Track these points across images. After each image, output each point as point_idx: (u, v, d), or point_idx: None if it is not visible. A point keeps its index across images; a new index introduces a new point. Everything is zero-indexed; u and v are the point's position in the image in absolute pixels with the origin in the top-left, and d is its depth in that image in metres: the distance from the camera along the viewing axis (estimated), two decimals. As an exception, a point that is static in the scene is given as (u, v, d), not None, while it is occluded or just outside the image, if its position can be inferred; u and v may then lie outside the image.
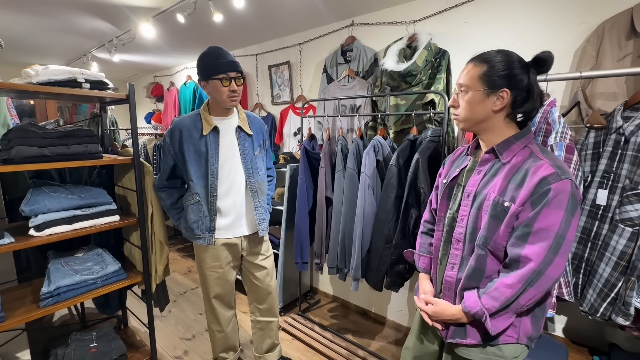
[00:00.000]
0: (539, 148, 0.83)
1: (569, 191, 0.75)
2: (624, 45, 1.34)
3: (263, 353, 1.75)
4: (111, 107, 3.09)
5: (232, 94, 1.39)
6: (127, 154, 1.67)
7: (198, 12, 1.99)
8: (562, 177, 0.75)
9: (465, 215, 0.88)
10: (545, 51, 0.81)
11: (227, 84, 1.37)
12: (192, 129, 1.43)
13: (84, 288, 1.46)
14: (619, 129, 1.19)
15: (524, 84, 0.82)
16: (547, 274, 0.76)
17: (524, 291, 0.77)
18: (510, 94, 0.82)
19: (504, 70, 0.82)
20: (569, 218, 0.75)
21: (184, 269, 3.25)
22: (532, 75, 0.82)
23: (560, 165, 0.78)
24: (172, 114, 3.78)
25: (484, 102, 0.84)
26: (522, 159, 0.82)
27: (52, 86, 1.30)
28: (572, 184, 0.76)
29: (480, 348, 0.87)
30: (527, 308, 0.81)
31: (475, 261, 0.85)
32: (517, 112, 0.84)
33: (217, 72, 1.35)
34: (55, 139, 1.34)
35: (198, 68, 1.41)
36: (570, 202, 0.75)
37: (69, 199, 1.44)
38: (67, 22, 2.37)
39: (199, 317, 2.40)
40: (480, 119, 0.86)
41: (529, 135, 0.86)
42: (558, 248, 0.75)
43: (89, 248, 1.72)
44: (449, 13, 1.84)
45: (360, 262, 1.69)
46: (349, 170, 1.76)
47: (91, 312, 2.23)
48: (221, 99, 1.40)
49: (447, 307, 0.90)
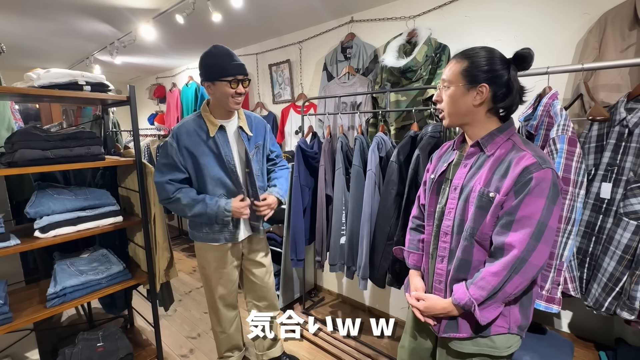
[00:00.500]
0: (521, 140, 0.86)
1: (550, 179, 0.77)
2: (627, 35, 1.32)
3: (265, 350, 1.76)
4: (113, 109, 3.12)
5: (238, 97, 1.36)
6: (129, 155, 1.69)
7: (197, 12, 1.99)
8: (543, 166, 0.77)
9: (453, 208, 0.90)
10: (525, 48, 0.83)
11: (235, 87, 1.33)
12: (199, 132, 1.39)
13: (89, 288, 1.48)
14: (623, 121, 1.17)
15: (504, 79, 0.84)
16: (531, 261, 0.78)
17: (509, 279, 0.79)
18: (489, 88, 0.84)
19: (484, 66, 0.84)
20: (551, 206, 0.77)
21: (189, 268, 3.28)
22: (512, 72, 0.85)
23: (541, 155, 0.80)
24: (175, 115, 3.80)
25: (465, 96, 0.86)
26: (505, 150, 0.85)
27: (54, 89, 1.32)
28: (553, 172, 0.78)
29: (473, 340, 0.88)
30: (514, 296, 0.82)
31: (462, 252, 0.87)
32: (497, 106, 0.86)
33: (226, 75, 1.31)
34: (58, 142, 1.36)
35: (203, 68, 1.35)
36: (552, 191, 0.77)
37: (73, 200, 1.46)
38: (69, 26, 2.39)
39: (204, 316, 2.42)
40: (462, 113, 0.89)
41: (512, 129, 0.88)
42: (540, 235, 0.77)
43: (94, 249, 1.74)
44: (448, 7, 1.82)
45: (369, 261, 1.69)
46: (355, 168, 1.75)
47: (98, 312, 2.26)
48: (226, 101, 1.36)
49: (438, 301, 0.91)
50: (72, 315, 2.39)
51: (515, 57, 0.85)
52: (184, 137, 1.38)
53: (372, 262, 1.68)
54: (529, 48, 0.83)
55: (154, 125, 4.08)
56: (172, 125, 3.80)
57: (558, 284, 1.18)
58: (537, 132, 1.27)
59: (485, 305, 0.82)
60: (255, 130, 1.53)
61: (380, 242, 1.62)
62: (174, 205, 1.41)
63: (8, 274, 1.55)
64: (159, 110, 4.31)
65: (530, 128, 1.29)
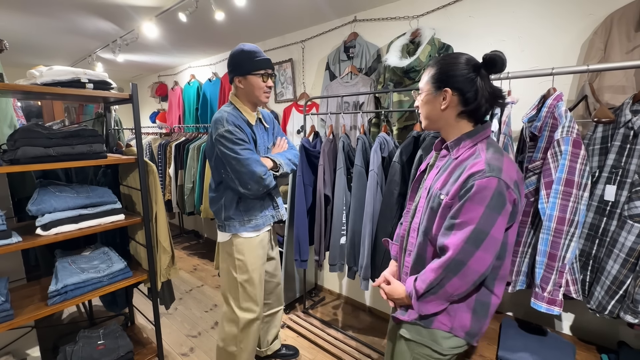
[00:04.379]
0: (487, 146, 0.85)
1: (493, 188, 0.77)
2: (633, 37, 1.31)
3: (269, 345, 1.76)
4: (115, 107, 3.12)
5: (267, 89, 1.43)
6: (131, 153, 1.68)
7: (200, 10, 1.99)
8: (487, 174, 0.77)
9: (422, 207, 0.95)
10: (495, 51, 0.81)
11: (266, 80, 1.41)
12: (242, 121, 1.43)
13: (90, 286, 1.48)
14: (628, 123, 1.16)
15: (469, 84, 0.84)
16: (469, 266, 0.79)
17: (445, 277, 0.82)
18: (451, 92, 0.86)
19: (448, 71, 0.86)
20: (491, 214, 0.77)
21: (190, 267, 3.28)
22: (481, 76, 0.84)
23: (492, 163, 0.79)
24: (177, 113, 3.80)
25: (433, 102, 0.90)
26: (467, 155, 0.86)
27: (56, 87, 1.32)
28: (500, 182, 0.77)
29: (415, 328, 0.94)
30: (457, 297, 0.85)
31: (417, 248, 0.93)
32: (464, 110, 0.87)
33: (259, 68, 1.39)
34: (61, 139, 1.36)
35: (235, 64, 1.41)
36: (494, 200, 0.77)
37: (74, 198, 1.46)
38: (71, 23, 2.39)
39: (204, 314, 2.42)
40: (433, 118, 0.92)
41: (483, 133, 0.88)
42: (479, 242, 0.78)
43: (95, 247, 1.74)
44: (452, 7, 1.81)
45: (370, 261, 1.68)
46: (357, 168, 1.75)
47: (99, 310, 2.26)
48: (257, 94, 1.43)
49: (398, 288, 0.98)
50: (73, 312, 2.40)
51: (483, 61, 0.84)
52: (238, 122, 1.40)
53: (374, 262, 1.67)
54: (500, 51, 0.81)
55: (156, 124, 4.08)
56: (173, 123, 3.80)
57: (560, 286, 1.17)
58: (540, 133, 1.26)
59: (426, 298, 0.86)
60: (269, 123, 1.61)
61: (381, 242, 1.61)
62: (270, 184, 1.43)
63: (9, 271, 1.55)
64: (161, 108, 4.31)
65: (534, 129, 1.28)
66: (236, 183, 1.39)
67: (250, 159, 1.36)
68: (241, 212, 1.49)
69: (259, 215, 1.52)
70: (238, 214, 1.49)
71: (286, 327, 2.22)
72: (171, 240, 1.73)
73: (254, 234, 1.52)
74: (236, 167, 1.36)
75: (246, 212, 1.49)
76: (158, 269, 1.67)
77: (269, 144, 1.58)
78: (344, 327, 2.21)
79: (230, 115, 1.39)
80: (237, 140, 1.36)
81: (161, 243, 1.66)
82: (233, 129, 1.36)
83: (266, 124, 1.58)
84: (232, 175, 1.39)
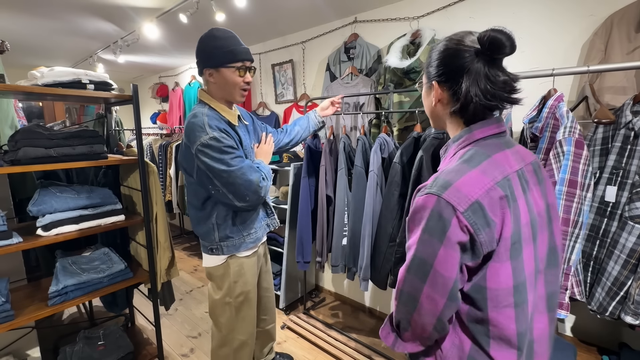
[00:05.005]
0: (467, 154, 0.65)
1: (429, 208, 0.59)
2: (633, 37, 1.31)
3: (266, 356, 1.72)
4: (116, 108, 3.13)
5: (245, 86, 1.21)
6: (131, 154, 1.69)
7: (201, 11, 1.99)
8: (426, 190, 0.61)
9: None
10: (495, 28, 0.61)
11: (242, 74, 1.18)
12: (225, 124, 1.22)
13: (91, 287, 1.48)
14: (629, 124, 1.16)
15: (456, 74, 0.66)
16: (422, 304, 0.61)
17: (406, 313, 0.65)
18: (438, 86, 0.70)
19: (435, 60, 0.70)
20: (430, 241, 0.59)
21: (190, 267, 3.28)
22: (479, 64, 0.63)
23: (442, 176, 0.61)
24: (177, 114, 3.81)
25: (427, 96, 0.75)
26: (444, 164, 0.71)
27: (58, 87, 1.32)
28: (439, 202, 0.58)
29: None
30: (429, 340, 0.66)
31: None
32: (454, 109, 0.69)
33: (234, 60, 1.15)
34: (61, 140, 1.36)
35: (203, 53, 1.18)
36: (431, 223, 0.59)
37: (75, 199, 1.46)
38: (72, 24, 2.39)
39: (205, 315, 2.42)
40: (430, 115, 0.78)
41: (467, 137, 0.68)
42: (423, 274, 0.60)
43: (95, 247, 1.74)
44: (453, 8, 1.81)
45: (370, 262, 1.68)
46: (357, 169, 1.75)
47: (99, 310, 2.26)
48: (231, 92, 1.20)
49: None
50: (73, 313, 2.40)
51: (481, 44, 0.62)
52: (222, 125, 1.18)
53: (374, 263, 1.67)
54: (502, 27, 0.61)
55: (157, 124, 4.08)
56: (174, 124, 3.80)
57: (566, 289, 1.16)
58: (542, 134, 1.26)
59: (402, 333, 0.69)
60: (247, 119, 1.42)
61: (382, 243, 1.61)
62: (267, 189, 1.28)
63: (10, 272, 1.55)
64: (162, 109, 4.32)
65: (535, 130, 1.28)
66: (230, 197, 1.18)
67: (243, 167, 1.16)
68: (239, 227, 1.29)
69: (257, 227, 1.35)
70: (236, 230, 1.28)
71: (286, 328, 2.22)
72: (171, 240, 1.73)
73: (252, 251, 1.36)
74: (229, 180, 1.15)
75: (244, 227, 1.30)
76: (158, 270, 1.68)
77: (251, 143, 1.39)
78: (344, 328, 2.21)
79: (211, 118, 1.16)
80: (226, 149, 1.13)
81: (161, 244, 1.66)
82: (220, 136, 1.13)
83: (245, 121, 1.37)
84: (224, 190, 1.17)
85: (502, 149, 0.66)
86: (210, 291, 1.40)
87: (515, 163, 0.65)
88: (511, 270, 0.60)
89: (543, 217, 0.67)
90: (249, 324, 1.41)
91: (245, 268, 1.35)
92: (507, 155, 0.65)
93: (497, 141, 0.67)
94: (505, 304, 0.60)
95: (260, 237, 1.38)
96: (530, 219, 0.63)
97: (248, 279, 1.36)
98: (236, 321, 1.36)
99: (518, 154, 0.68)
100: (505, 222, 0.59)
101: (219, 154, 1.13)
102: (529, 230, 0.63)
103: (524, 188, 0.64)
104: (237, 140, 1.24)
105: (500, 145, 0.66)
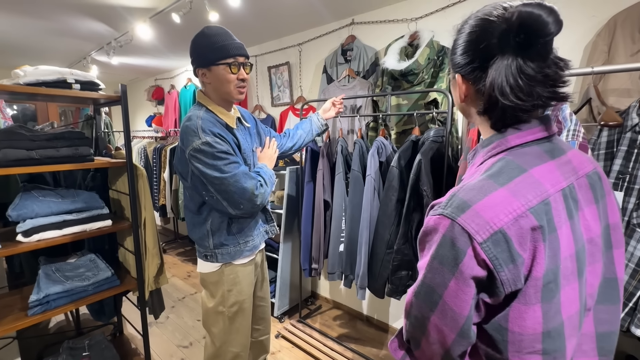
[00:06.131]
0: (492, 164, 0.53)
1: (441, 233, 0.49)
2: (637, 39, 1.27)
3: None
4: (106, 109, 3.07)
5: (240, 83, 1.15)
6: (120, 156, 1.63)
7: (195, 12, 1.95)
8: (440, 210, 0.50)
9: None
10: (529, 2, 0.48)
11: (235, 71, 1.12)
12: (220, 126, 1.16)
13: (75, 295, 1.42)
14: (635, 127, 1.12)
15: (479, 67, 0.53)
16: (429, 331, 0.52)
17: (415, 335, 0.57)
18: (462, 80, 0.57)
19: (459, 46, 0.56)
20: (440, 269, 0.49)
21: (184, 273, 3.20)
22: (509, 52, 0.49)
23: (460, 194, 0.50)
24: (173, 117, 3.76)
25: (454, 90, 0.62)
26: (469, 175, 0.59)
27: (40, 87, 1.27)
28: (453, 226, 0.48)
29: None
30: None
31: None
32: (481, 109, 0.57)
33: (225, 56, 1.10)
34: (45, 142, 1.31)
35: (195, 52, 1.15)
36: (442, 250, 0.49)
37: (59, 203, 1.40)
38: (64, 24, 2.35)
39: (197, 323, 2.34)
40: (461, 111, 0.64)
41: (499, 143, 0.54)
42: (431, 304, 0.51)
43: (82, 253, 1.68)
44: (451, 9, 1.78)
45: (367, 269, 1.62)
46: (354, 173, 1.69)
47: (87, 319, 2.19)
48: (227, 90, 1.14)
49: None
50: (60, 321, 2.32)
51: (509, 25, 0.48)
52: (217, 129, 1.12)
53: (371, 270, 1.61)
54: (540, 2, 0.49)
55: (152, 127, 4.03)
56: (169, 127, 3.75)
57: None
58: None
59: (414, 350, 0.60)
60: (249, 121, 1.36)
61: (379, 250, 1.55)
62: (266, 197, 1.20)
63: (-10, 279, 1.49)
64: (158, 112, 4.27)
65: (537, 133, 1.23)
66: (224, 205, 1.13)
67: (237, 174, 1.10)
68: (235, 235, 1.23)
69: (255, 234, 1.29)
70: (232, 238, 1.23)
71: (281, 337, 2.15)
72: (160, 247, 1.67)
73: (248, 259, 1.30)
74: (221, 187, 1.10)
75: (241, 234, 1.24)
76: (146, 277, 1.61)
77: (253, 146, 1.32)
78: (340, 337, 2.14)
79: (205, 121, 1.11)
80: (219, 154, 1.08)
81: (149, 250, 1.60)
82: (213, 140, 1.08)
83: (247, 123, 1.31)
84: (217, 197, 1.13)
85: (544, 160, 0.52)
86: (203, 299, 1.33)
87: (562, 179, 0.51)
88: (541, 315, 0.47)
89: (597, 245, 0.54)
90: (243, 335, 1.34)
91: (240, 276, 1.28)
92: (551, 168, 0.51)
93: (539, 149, 0.52)
94: (530, 351, 0.48)
95: (257, 244, 1.31)
96: (575, 250, 0.50)
97: (243, 287, 1.29)
98: (230, 332, 1.29)
99: (569, 164, 0.53)
100: (537, 259, 0.46)
101: (212, 160, 1.08)
102: (572, 265, 0.49)
103: (571, 211, 0.50)
104: (235, 144, 1.18)
105: (543, 155, 0.52)
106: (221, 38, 1.11)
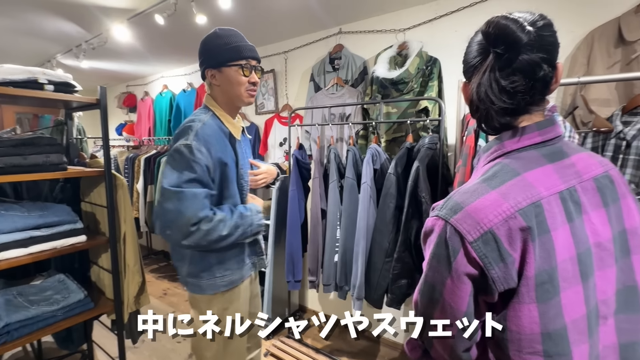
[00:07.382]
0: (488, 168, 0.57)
1: (437, 233, 0.53)
2: (612, 53, 1.37)
3: None
4: (78, 114, 2.85)
5: (251, 87, 1.09)
6: (97, 165, 1.49)
7: (178, 15, 1.86)
8: (437, 212, 0.54)
9: None
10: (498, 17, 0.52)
11: (247, 74, 1.07)
12: (222, 135, 1.09)
13: (41, 322, 1.24)
14: (619, 134, 1.19)
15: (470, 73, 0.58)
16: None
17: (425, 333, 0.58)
18: (464, 84, 0.62)
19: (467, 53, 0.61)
20: (438, 268, 0.53)
21: (159, 291, 2.98)
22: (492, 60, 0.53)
23: (455, 197, 0.54)
24: (147, 125, 3.57)
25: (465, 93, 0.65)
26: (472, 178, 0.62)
27: (8, 87, 1.13)
28: (446, 227, 0.51)
29: None
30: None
31: None
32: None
33: (237, 57, 1.05)
34: (10, 148, 1.16)
35: (206, 52, 1.08)
36: (438, 249, 0.52)
37: (24, 217, 1.24)
38: (28, 23, 2.16)
39: (177, 346, 2.16)
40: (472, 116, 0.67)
41: (497, 148, 0.58)
42: (434, 301, 0.54)
43: (48, 274, 1.49)
44: (438, 22, 1.84)
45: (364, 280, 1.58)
46: (348, 180, 1.66)
47: (50, 347, 1.94)
48: (237, 92, 1.08)
49: None
50: (17, 352, 2.05)
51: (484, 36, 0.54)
52: (213, 140, 1.02)
53: (369, 281, 1.57)
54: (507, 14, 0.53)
55: (122, 136, 3.80)
56: (143, 135, 3.55)
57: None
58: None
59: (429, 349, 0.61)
60: (250, 132, 1.35)
61: (377, 259, 1.52)
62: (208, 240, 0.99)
63: None
64: (129, 120, 4.04)
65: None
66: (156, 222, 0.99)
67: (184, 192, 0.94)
68: (212, 266, 1.09)
69: (235, 268, 1.14)
70: (207, 269, 1.09)
71: (270, 355, 2.03)
72: (142, 263, 1.53)
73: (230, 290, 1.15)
74: (161, 197, 0.96)
75: (219, 267, 1.10)
76: (125, 298, 1.46)
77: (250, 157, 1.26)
78: (332, 352, 2.07)
79: (206, 127, 1.03)
80: (194, 165, 0.96)
81: (130, 267, 1.46)
82: (197, 147, 0.97)
83: (248, 135, 1.27)
84: (156, 208, 1.00)
85: (541, 164, 0.53)
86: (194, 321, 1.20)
87: (560, 182, 0.52)
88: (538, 315, 0.49)
89: (607, 249, 0.54)
90: (239, 358, 1.24)
91: (237, 292, 1.17)
92: (547, 172, 0.53)
93: (536, 153, 0.54)
94: (530, 351, 0.50)
95: (236, 280, 1.15)
96: (577, 253, 0.51)
97: (240, 305, 1.18)
98: (224, 356, 1.17)
99: (571, 168, 0.54)
100: (526, 259, 0.48)
101: (181, 166, 0.96)
102: (573, 268, 0.50)
103: (570, 214, 0.51)
104: (234, 159, 1.10)
105: (540, 159, 0.54)
106: (234, 39, 1.07)
